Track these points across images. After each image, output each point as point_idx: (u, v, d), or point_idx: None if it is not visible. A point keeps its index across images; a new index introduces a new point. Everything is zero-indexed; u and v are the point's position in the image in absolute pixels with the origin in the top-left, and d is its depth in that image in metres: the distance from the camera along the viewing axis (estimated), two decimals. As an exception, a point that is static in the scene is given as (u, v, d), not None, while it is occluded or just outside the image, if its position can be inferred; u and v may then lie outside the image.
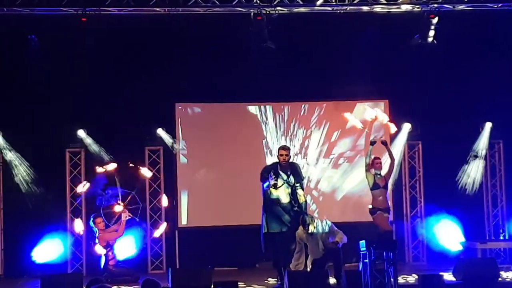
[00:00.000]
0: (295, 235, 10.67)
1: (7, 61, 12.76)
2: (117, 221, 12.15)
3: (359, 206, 13.50)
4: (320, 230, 10.70)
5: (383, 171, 11.40)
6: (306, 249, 10.71)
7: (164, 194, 12.94)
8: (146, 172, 12.73)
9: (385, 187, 11.44)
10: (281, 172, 10.82)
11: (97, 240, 11.90)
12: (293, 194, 10.80)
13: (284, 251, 10.77)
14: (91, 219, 11.99)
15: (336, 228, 10.80)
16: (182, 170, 13.57)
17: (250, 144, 13.64)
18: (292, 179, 10.82)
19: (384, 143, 11.60)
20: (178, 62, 13.03)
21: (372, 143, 11.42)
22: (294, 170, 10.92)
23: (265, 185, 10.71)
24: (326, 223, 10.83)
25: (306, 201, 10.98)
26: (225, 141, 13.63)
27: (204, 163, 13.62)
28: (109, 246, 11.91)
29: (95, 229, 11.89)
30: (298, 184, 10.84)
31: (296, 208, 10.76)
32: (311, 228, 10.59)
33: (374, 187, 11.38)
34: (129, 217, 12.13)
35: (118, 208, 12.17)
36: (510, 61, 13.22)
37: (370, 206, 11.36)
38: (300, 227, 10.67)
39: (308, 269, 10.59)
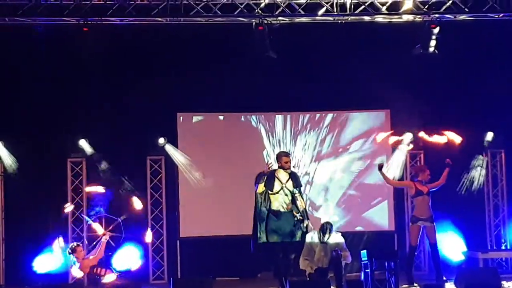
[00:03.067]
0: (305, 240, 10.70)
1: (9, 70, 12.77)
2: (97, 244, 12.11)
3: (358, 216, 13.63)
4: (333, 241, 10.75)
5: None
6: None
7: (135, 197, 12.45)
8: (137, 203, 12.27)
9: (428, 194, 11.65)
10: (278, 177, 10.83)
11: (77, 267, 11.70)
12: (294, 203, 10.82)
13: (285, 261, 10.78)
14: (68, 249, 11.74)
15: (345, 246, 10.84)
16: (184, 179, 13.56)
17: (251, 153, 13.63)
18: (290, 185, 10.82)
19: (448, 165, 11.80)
20: (180, 72, 13.03)
21: (380, 167, 11.67)
22: (292, 177, 10.92)
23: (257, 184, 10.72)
24: (339, 236, 10.87)
25: (306, 208, 11.00)
26: (227, 151, 13.63)
27: (205, 173, 13.60)
28: (99, 266, 11.79)
29: (73, 259, 11.61)
30: (297, 191, 10.85)
31: (298, 216, 10.78)
32: (327, 237, 10.66)
33: (417, 193, 11.59)
34: (109, 238, 11.95)
35: (99, 230, 12.13)
36: (511, 70, 13.21)
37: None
38: (313, 234, 10.73)
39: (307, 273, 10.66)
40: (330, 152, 13.80)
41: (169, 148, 13.39)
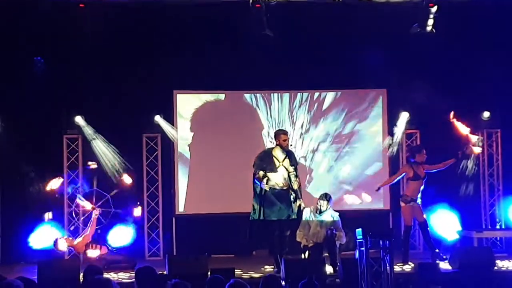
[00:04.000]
0: (300, 218, 10.84)
1: (6, 46, 12.70)
2: (89, 221, 12.22)
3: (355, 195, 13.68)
4: (329, 219, 10.84)
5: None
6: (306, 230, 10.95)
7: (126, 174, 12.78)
8: (127, 178, 12.66)
9: (424, 178, 11.71)
10: (276, 155, 10.86)
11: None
12: (289, 181, 10.86)
13: (280, 238, 10.83)
14: (53, 244, 11.97)
15: (340, 226, 10.94)
16: (180, 157, 13.57)
17: (248, 132, 13.65)
18: (287, 163, 10.85)
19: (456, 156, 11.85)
20: (177, 50, 12.99)
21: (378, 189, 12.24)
22: (289, 156, 10.95)
23: (257, 182, 10.78)
24: (335, 216, 10.97)
25: (300, 188, 11.03)
26: (223, 129, 13.63)
27: (201, 151, 13.62)
28: (94, 243, 11.92)
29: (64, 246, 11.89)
30: (293, 169, 10.88)
31: (292, 194, 10.83)
32: (323, 205, 10.77)
33: (415, 177, 11.68)
34: (99, 214, 12.12)
35: (87, 205, 12.27)
36: (508, 51, 13.18)
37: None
38: (308, 210, 10.88)
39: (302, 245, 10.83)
40: (327, 131, 13.79)
41: (164, 125, 13.38)
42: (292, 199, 10.86)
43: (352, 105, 13.84)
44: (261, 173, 10.71)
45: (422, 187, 11.77)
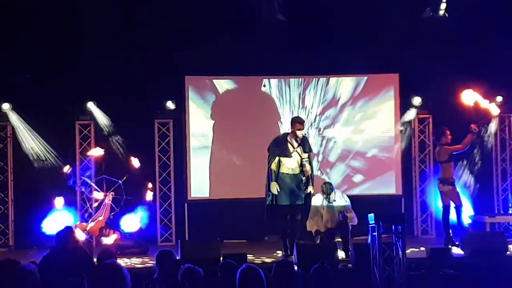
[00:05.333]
0: (310, 203, 10.85)
1: (16, 35, 12.72)
2: (100, 207, 12.24)
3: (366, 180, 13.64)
4: (339, 204, 10.94)
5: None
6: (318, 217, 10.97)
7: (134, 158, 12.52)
8: (135, 162, 12.44)
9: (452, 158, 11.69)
10: (291, 141, 10.86)
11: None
12: (301, 167, 10.87)
13: (292, 223, 10.83)
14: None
15: (350, 208, 10.98)
16: (192, 142, 13.57)
17: (260, 116, 13.60)
18: (301, 150, 10.85)
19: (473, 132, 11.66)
20: (189, 35, 12.95)
21: None
22: (303, 142, 10.95)
23: (271, 176, 10.79)
24: (345, 198, 10.99)
25: (312, 174, 11.01)
26: (235, 114, 13.61)
27: (213, 136, 13.61)
28: (107, 227, 11.96)
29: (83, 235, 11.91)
30: (306, 156, 10.88)
31: (304, 180, 10.84)
32: (332, 196, 10.89)
33: (450, 159, 11.60)
34: (113, 197, 12.16)
35: (98, 195, 12.32)
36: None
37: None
38: (318, 197, 10.93)
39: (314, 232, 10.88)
40: (340, 118, 13.74)
41: (175, 110, 13.40)
42: (304, 185, 10.87)
43: (364, 90, 13.77)
44: (275, 187, 10.72)
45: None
